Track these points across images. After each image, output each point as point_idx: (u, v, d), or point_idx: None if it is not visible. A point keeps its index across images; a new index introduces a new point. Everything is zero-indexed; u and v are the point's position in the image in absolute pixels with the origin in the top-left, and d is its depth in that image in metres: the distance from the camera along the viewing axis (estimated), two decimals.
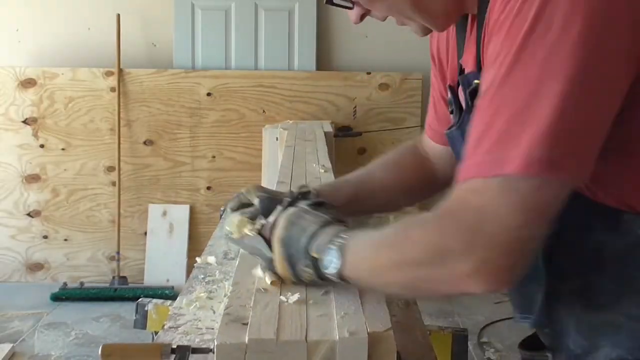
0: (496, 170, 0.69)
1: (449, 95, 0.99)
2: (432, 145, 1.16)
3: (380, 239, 0.81)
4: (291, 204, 0.94)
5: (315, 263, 0.85)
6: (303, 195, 0.97)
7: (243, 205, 1.01)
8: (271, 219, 0.92)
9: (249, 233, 0.93)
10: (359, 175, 1.16)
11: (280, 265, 0.88)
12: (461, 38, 0.95)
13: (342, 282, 0.84)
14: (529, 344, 1.00)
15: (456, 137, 0.95)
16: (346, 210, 1.04)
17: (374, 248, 0.82)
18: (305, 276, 0.86)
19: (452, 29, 0.98)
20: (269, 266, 0.89)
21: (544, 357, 0.97)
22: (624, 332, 0.83)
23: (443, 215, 0.74)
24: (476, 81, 0.85)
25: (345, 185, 1.14)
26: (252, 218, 0.95)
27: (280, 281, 0.88)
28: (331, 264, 0.83)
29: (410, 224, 0.79)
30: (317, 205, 0.94)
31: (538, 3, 0.69)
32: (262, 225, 0.92)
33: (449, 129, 0.98)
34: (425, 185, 1.16)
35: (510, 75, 0.71)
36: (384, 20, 0.94)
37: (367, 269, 0.82)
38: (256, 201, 0.99)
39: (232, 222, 0.96)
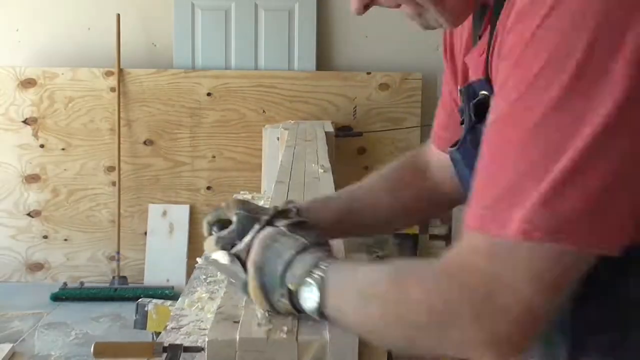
0: (498, 230, 0.59)
1: (460, 101, 0.84)
2: (437, 153, 1.01)
3: (369, 285, 0.70)
4: (270, 222, 0.83)
5: (292, 295, 0.76)
6: (282, 213, 0.86)
7: (220, 221, 0.94)
8: (247, 239, 0.82)
9: (222, 261, 0.84)
10: (352, 190, 1.04)
11: (254, 293, 0.79)
12: (476, 32, 0.79)
13: (322, 319, 0.74)
14: None
15: (456, 159, 0.83)
16: (336, 229, 0.96)
17: (361, 297, 0.70)
18: (282, 307, 0.77)
19: (469, 20, 0.79)
20: (244, 290, 0.81)
21: None
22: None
23: (445, 276, 0.64)
24: (483, 92, 0.73)
25: (336, 201, 1.03)
26: (227, 242, 0.86)
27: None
28: (309, 301, 0.74)
29: (406, 277, 0.67)
30: (297, 225, 0.82)
31: (585, 44, 0.57)
32: (237, 250, 0.83)
33: (452, 146, 0.84)
34: (426, 206, 1.03)
35: (525, 111, 0.59)
36: (397, 7, 0.75)
37: (354, 320, 0.72)
38: (234, 219, 0.89)
39: (209, 244, 0.89)
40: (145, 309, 1.39)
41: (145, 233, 3.77)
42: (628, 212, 0.59)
